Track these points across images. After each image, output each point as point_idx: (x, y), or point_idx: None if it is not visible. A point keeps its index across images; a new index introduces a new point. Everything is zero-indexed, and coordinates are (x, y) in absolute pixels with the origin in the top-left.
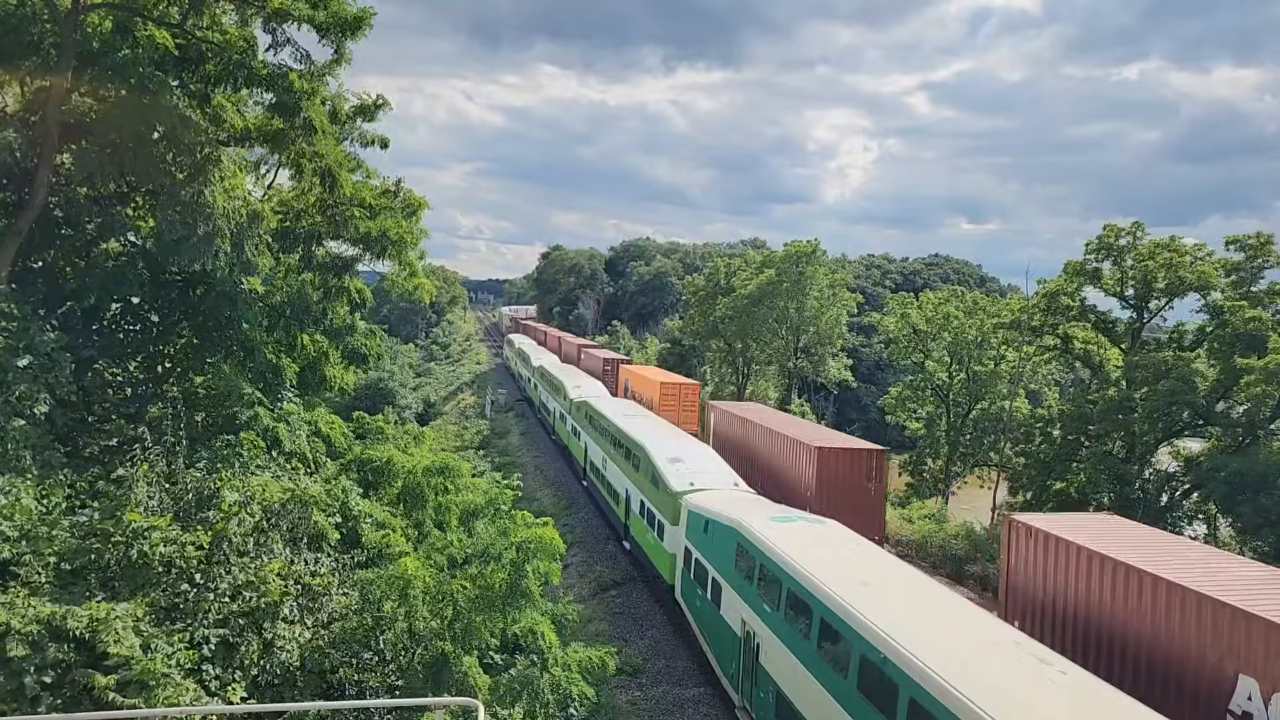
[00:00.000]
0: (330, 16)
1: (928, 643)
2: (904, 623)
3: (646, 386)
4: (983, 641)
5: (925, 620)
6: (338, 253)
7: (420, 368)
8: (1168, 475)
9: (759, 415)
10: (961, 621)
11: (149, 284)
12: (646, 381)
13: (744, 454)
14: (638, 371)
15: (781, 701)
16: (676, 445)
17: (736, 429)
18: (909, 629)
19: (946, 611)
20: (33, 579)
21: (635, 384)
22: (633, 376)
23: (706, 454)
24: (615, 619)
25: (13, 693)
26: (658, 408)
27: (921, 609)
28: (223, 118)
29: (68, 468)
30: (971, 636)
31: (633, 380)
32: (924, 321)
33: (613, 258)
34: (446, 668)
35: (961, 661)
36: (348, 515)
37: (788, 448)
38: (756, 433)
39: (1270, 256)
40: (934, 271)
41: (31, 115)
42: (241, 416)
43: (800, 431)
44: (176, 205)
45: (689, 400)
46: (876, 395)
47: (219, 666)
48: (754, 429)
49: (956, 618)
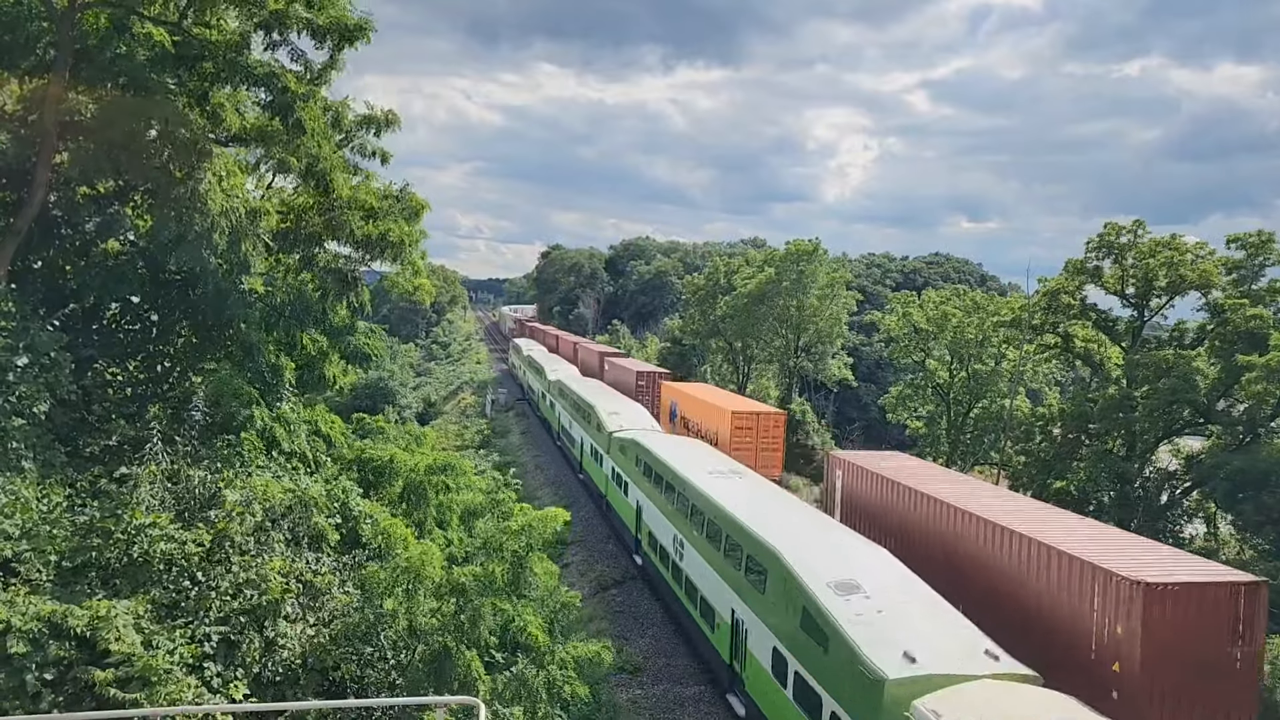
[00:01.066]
0: (331, 21)
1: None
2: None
3: (707, 415)
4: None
5: (739, 492)
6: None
7: (420, 367)
8: (1168, 473)
9: (926, 478)
10: (772, 499)
11: (148, 283)
12: (707, 408)
13: (915, 546)
14: (690, 393)
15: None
16: (834, 547)
17: (888, 499)
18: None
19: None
20: (34, 577)
21: (689, 409)
22: (683, 398)
23: (900, 577)
24: (615, 618)
25: (14, 690)
26: (728, 445)
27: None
28: (221, 116)
29: (68, 467)
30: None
31: (684, 404)
32: (925, 320)
33: (612, 257)
34: (449, 663)
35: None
36: (347, 515)
37: (1044, 562)
38: (943, 516)
39: (1271, 254)
40: (934, 270)
41: (29, 114)
42: (240, 416)
43: (1053, 526)
44: (171, 203)
45: (771, 435)
46: (877, 394)
47: (220, 664)
48: (938, 510)
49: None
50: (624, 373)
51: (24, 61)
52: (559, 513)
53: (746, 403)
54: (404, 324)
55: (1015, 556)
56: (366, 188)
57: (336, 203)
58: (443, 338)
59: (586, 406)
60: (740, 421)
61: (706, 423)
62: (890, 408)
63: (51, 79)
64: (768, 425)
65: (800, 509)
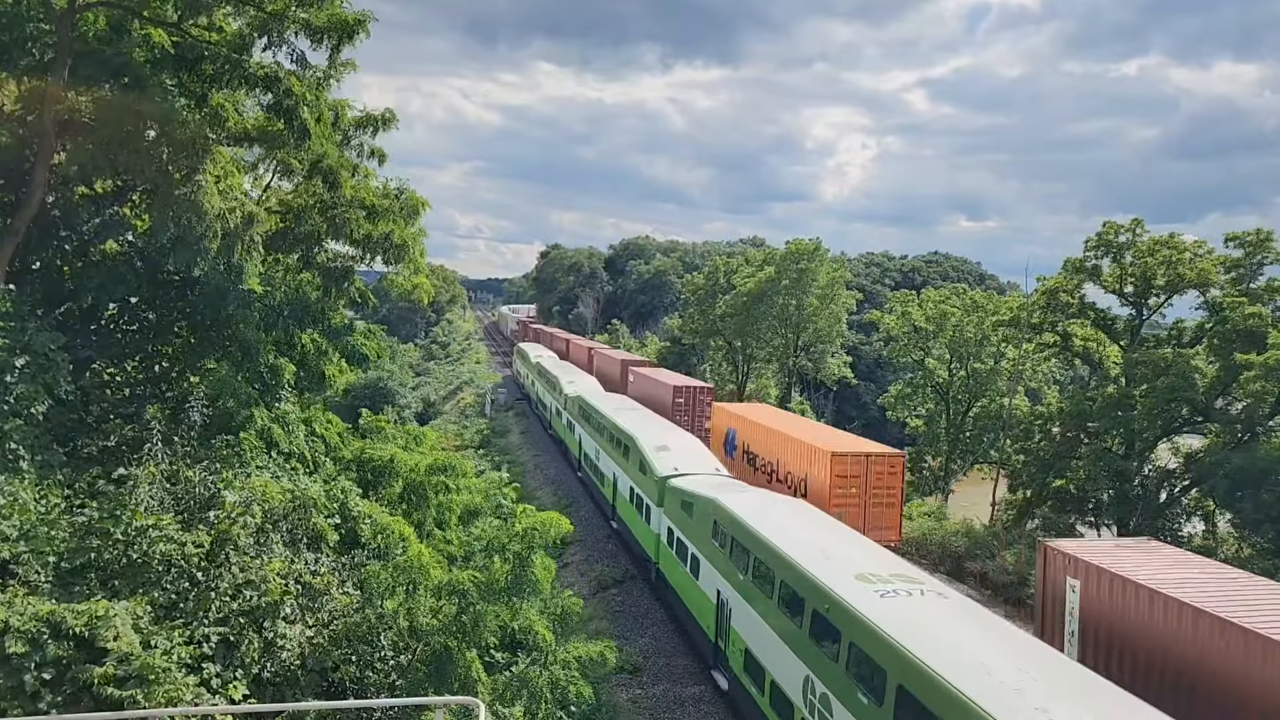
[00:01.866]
0: (329, 20)
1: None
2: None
3: (788, 452)
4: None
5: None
6: (339, 252)
7: (420, 367)
8: (1167, 472)
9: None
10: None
11: (146, 283)
12: (789, 444)
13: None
14: (758, 419)
15: None
16: None
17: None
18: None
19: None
20: (32, 578)
21: (757, 441)
22: (746, 426)
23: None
24: (615, 617)
25: (12, 690)
26: (826, 497)
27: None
28: (222, 117)
29: (66, 467)
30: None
31: (748, 434)
32: (924, 319)
33: (612, 256)
34: (450, 663)
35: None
36: (347, 516)
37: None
38: None
39: (1270, 253)
40: (933, 269)
41: (28, 114)
42: (239, 416)
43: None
44: (170, 205)
45: (886, 485)
46: (876, 393)
47: (219, 664)
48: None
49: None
50: (656, 387)
51: (23, 61)
52: (561, 521)
53: (849, 440)
54: (403, 324)
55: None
56: (366, 186)
57: (339, 201)
58: (442, 337)
59: (623, 436)
60: (844, 467)
61: (786, 461)
62: (890, 406)
63: (50, 79)
64: (882, 472)
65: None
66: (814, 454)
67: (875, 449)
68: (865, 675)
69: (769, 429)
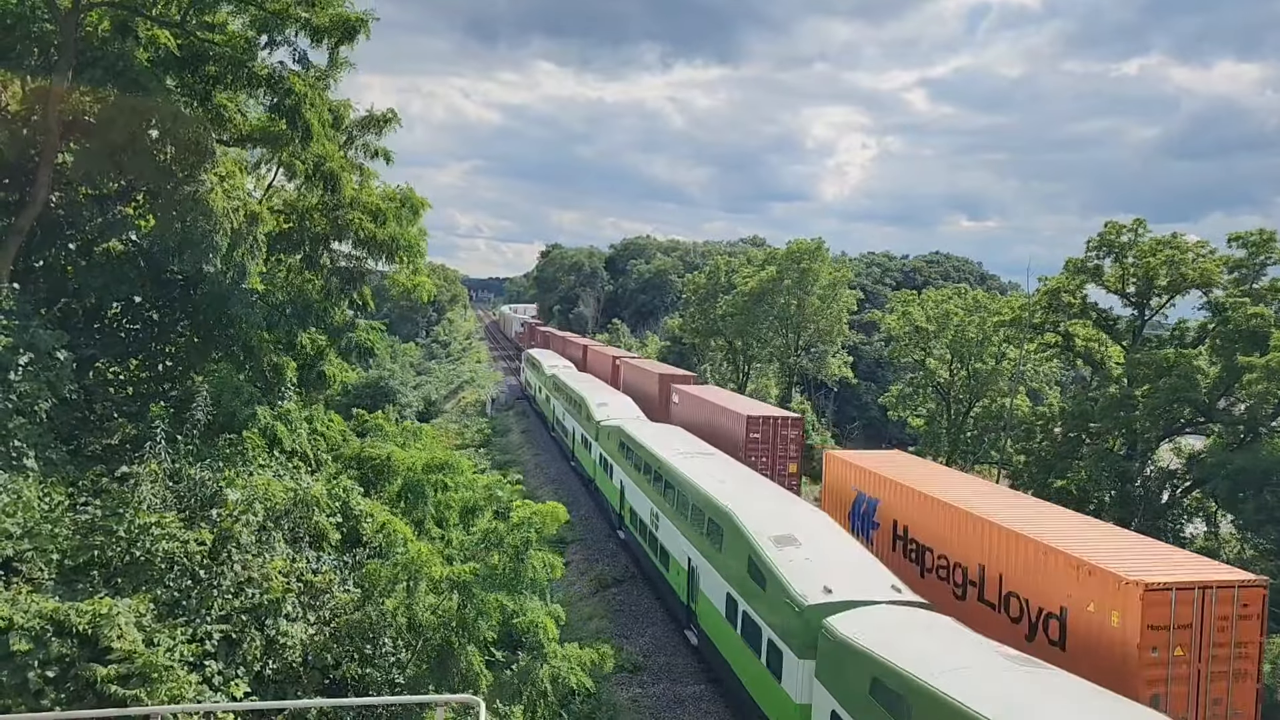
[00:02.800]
0: (332, 19)
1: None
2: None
3: (1018, 559)
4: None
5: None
6: (348, 255)
7: (421, 366)
8: (1169, 472)
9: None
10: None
11: (150, 283)
12: (1009, 544)
13: None
14: (915, 484)
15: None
16: None
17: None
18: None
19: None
20: (35, 575)
21: (922, 524)
22: (895, 495)
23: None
24: (615, 616)
25: (16, 687)
26: (1134, 665)
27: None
28: (226, 117)
29: (70, 466)
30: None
31: (898, 507)
32: (925, 319)
33: (612, 256)
34: (451, 659)
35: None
36: (348, 515)
37: None
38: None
39: (1272, 253)
40: (934, 269)
41: (32, 114)
42: (241, 414)
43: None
44: (174, 205)
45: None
46: (877, 393)
47: (222, 662)
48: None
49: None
50: (716, 413)
51: (27, 61)
52: (558, 510)
53: (1136, 544)
54: (404, 323)
55: None
56: (369, 188)
57: (341, 203)
58: (443, 337)
59: (712, 511)
60: (1163, 612)
61: (1011, 576)
62: (891, 406)
63: (54, 79)
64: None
65: None
66: (1094, 581)
67: (1223, 573)
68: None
69: (956, 511)
